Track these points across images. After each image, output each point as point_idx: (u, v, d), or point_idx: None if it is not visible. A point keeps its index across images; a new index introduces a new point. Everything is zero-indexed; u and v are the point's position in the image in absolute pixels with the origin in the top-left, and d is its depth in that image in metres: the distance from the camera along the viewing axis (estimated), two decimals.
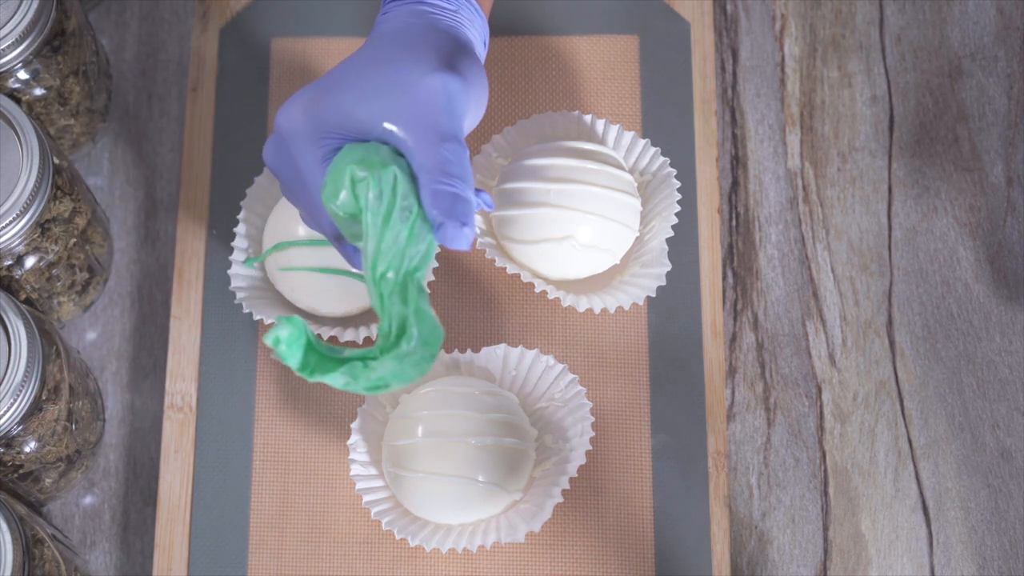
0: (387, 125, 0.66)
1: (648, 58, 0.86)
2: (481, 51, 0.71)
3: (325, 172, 0.68)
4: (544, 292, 0.82)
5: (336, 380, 0.66)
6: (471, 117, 0.68)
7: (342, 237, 0.70)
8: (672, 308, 0.81)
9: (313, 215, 0.70)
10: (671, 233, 0.79)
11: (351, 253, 0.70)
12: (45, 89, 0.79)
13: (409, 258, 0.66)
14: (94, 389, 0.81)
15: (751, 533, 0.80)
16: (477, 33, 0.71)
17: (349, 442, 0.76)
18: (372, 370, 0.65)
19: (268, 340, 0.65)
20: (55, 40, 0.78)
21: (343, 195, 0.66)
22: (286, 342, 0.65)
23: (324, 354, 0.66)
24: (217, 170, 0.85)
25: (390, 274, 0.65)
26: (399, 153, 0.67)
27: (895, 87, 0.87)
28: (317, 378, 0.65)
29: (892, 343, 0.83)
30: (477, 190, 0.69)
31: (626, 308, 0.78)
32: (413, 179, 0.66)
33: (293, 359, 0.65)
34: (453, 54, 0.67)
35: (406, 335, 0.65)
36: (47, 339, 0.74)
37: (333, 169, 0.67)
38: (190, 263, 0.83)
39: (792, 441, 0.81)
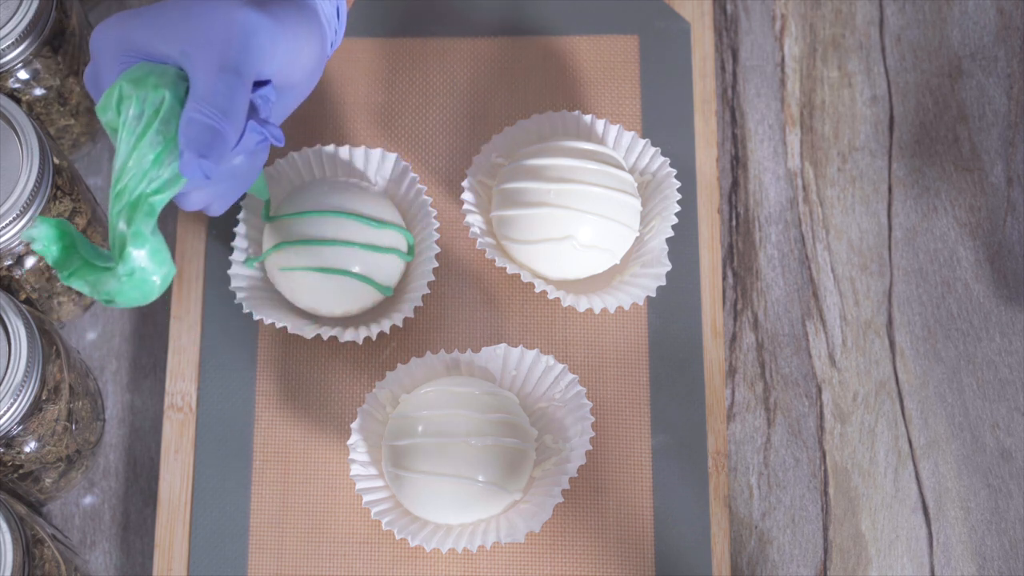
0: (180, 52, 0.66)
1: (648, 58, 0.86)
2: (323, 8, 0.71)
3: None
4: (544, 292, 0.82)
5: (82, 286, 0.66)
6: (281, 63, 0.67)
7: None
8: (672, 308, 0.81)
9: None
10: (671, 233, 0.79)
11: None
12: (45, 89, 0.79)
13: (149, 180, 0.65)
14: (94, 389, 0.81)
15: (751, 533, 0.80)
16: None
17: (349, 442, 0.76)
18: (104, 283, 0.65)
19: (23, 236, 0.65)
20: (55, 40, 0.78)
21: (110, 113, 0.66)
22: (43, 240, 0.65)
23: (85, 259, 0.66)
24: None
25: (124, 194, 0.65)
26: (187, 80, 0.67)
27: (895, 87, 0.87)
28: (71, 281, 0.66)
29: (892, 343, 0.83)
30: (265, 123, 0.68)
31: (626, 308, 0.78)
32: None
33: (50, 255, 0.66)
34: None
35: (123, 255, 0.65)
36: (47, 339, 0.74)
37: (111, 86, 0.67)
38: (190, 263, 0.83)
39: (792, 441, 0.81)
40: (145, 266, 0.65)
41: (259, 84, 0.68)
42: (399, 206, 0.81)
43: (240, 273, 0.80)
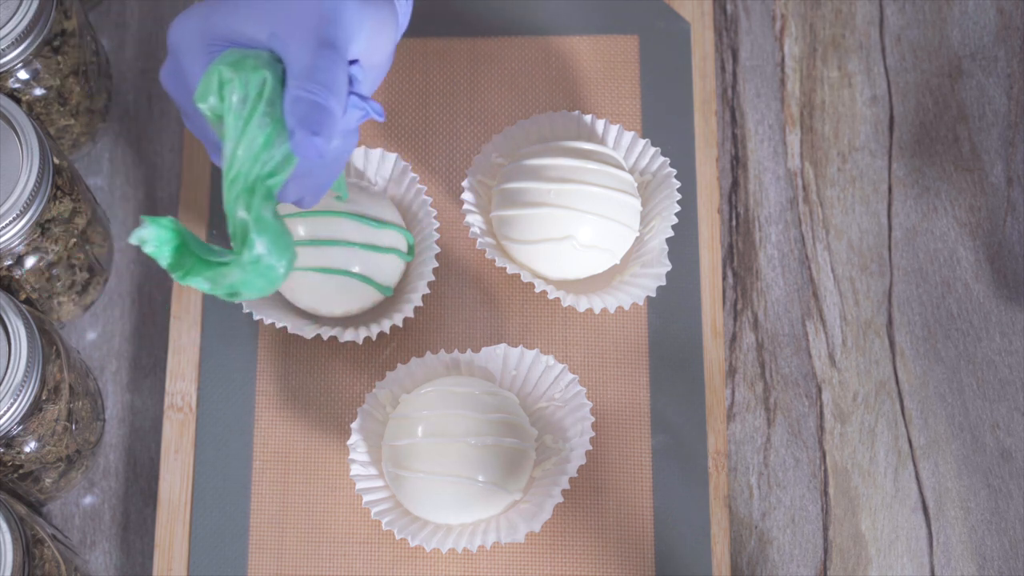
0: (270, 34, 0.65)
1: (648, 58, 0.86)
2: None
3: None
4: (544, 292, 0.82)
5: (201, 284, 0.64)
6: (366, 42, 0.67)
7: (220, 146, 0.69)
8: (672, 308, 0.81)
9: (202, 128, 0.69)
10: (671, 233, 0.79)
11: None
12: (45, 89, 0.79)
13: (262, 163, 0.64)
14: (94, 389, 0.81)
15: (751, 533, 0.80)
16: None
17: (349, 442, 0.76)
18: (225, 276, 0.64)
19: (132, 239, 0.63)
20: (55, 40, 0.78)
21: (211, 99, 0.65)
22: (154, 242, 0.64)
23: (198, 256, 0.64)
24: (217, 170, 0.85)
25: (239, 180, 0.64)
26: (281, 61, 0.65)
27: (895, 87, 0.87)
28: (187, 280, 0.64)
29: (892, 343, 0.83)
30: (364, 97, 0.67)
31: (626, 308, 0.78)
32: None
33: (163, 258, 0.64)
34: None
35: (247, 243, 0.63)
36: (47, 339, 0.74)
37: (208, 71, 0.65)
38: None
39: (792, 441, 0.81)
40: (270, 252, 0.63)
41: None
42: (399, 206, 0.81)
43: None
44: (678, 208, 0.79)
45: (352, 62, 0.67)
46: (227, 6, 0.66)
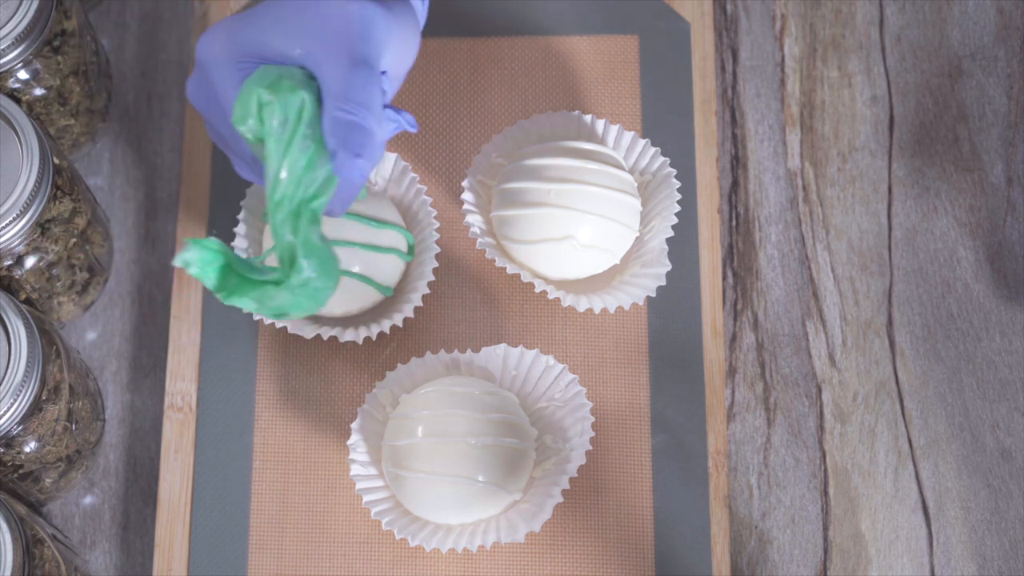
0: (301, 50, 0.65)
1: (648, 58, 0.86)
2: (415, 5, 0.70)
3: None
4: (544, 292, 0.82)
5: (247, 304, 0.64)
6: (394, 54, 0.66)
7: (259, 162, 0.69)
8: (672, 308, 0.81)
9: (234, 144, 0.68)
10: (671, 233, 0.79)
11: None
12: (45, 89, 0.79)
13: (305, 186, 0.64)
14: (94, 389, 0.81)
15: (751, 533, 0.80)
16: None
17: (349, 442, 0.76)
18: (273, 298, 0.64)
19: (176, 262, 0.64)
20: (55, 40, 0.78)
21: (250, 121, 0.65)
22: (198, 264, 0.64)
23: (243, 275, 0.64)
24: (217, 170, 0.85)
25: (284, 203, 0.64)
26: (314, 78, 0.65)
27: (895, 87, 0.87)
28: (233, 301, 0.64)
29: (892, 343, 0.83)
30: (397, 109, 0.67)
31: (626, 308, 0.78)
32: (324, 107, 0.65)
33: (208, 280, 0.64)
34: None
35: (295, 266, 0.64)
36: (47, 339, 0.74)
37: (243, 91, 0.65)
38: None
39: (792, 441, 0.81)
40: (318, 275, 0.64)
41: None
42: (399, 206, 0.81)
43: None
44: (678, 208, 0.79)
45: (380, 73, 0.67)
46: (256, 22, 0.66)
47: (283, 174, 0.64)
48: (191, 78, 0.68)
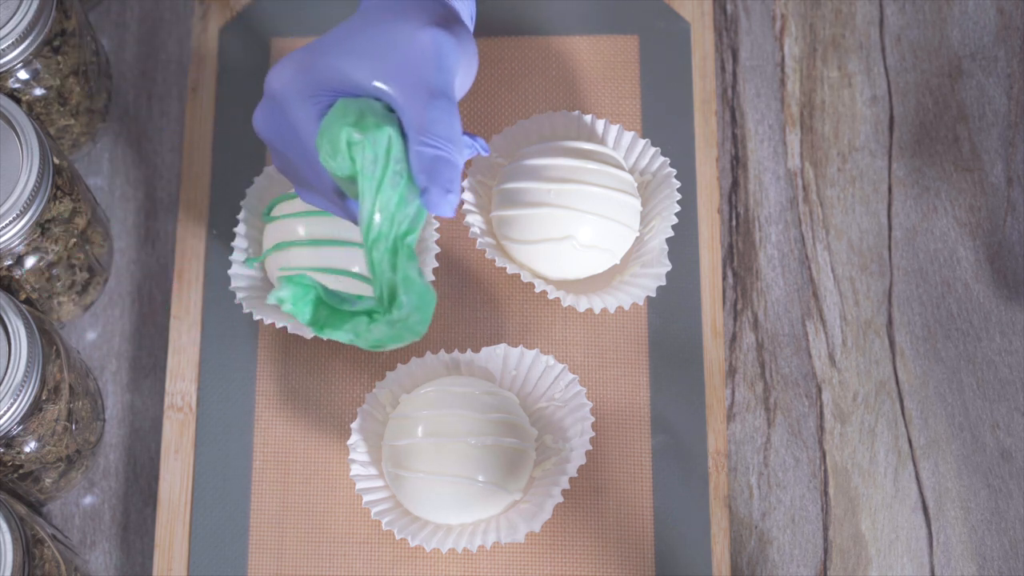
0: (378, 83, 0.65)
1: (648, 58, 0.86)
2: (468, 25, 0.70)
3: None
4: (544, 292, 0.82)
5: (343, 336, 0.66)
6: (461, 78, 0.67)
7: (344, 195, 0.69)
8: (672, 308, 0.81)
9: (312, 175, 0.69)
10: (671, 233, 0.79)
11: (355, 210, 0.69)
12: (45, 89, 0.79)
13: (398, 223, 0.65)
14: (94, 389, 0.81)
15: (751, 533, 0.80)
16: (464, 7, 0.70)
17: (349, 442, 0.76)
18: (371, 331, 0.65)
19: (271, 299, 0.65)
20: (55, 40, 0.78)
21: (340, 159, 0.66)
22: (291, 301, 0.65)
23: (335, 308, 0.66)
24: (217, 170, 0.85)
25: (380, 241, 0.65)
26: (392, 109, 0.66)
27: (895, 87, 0.87)
28: (327, 334, 0.66)
29: (892, 343, 0.83)
30: (471, 135, 0.68)
31: (626, 308, 0.78)
32: (406, 138, 0.65)
33: (303, 315, 0.66)
34: (443, 16, 0.66)
35: (396, 303, 0.65)
36: (47, 339, 0.74)
37: (327, 128, 0.66)
38: (190, 263, 0.83)
39: (792, 441, 0.81)
40: (416, 309, 0.65)
41: None
42: None
43: (240, 273, 0.80)
44: (678, 208, 0.79)
45: None
46: (329, 55, 0.66)
47: (377, 213, 0.65)
48: (259, 109, 0.68)
